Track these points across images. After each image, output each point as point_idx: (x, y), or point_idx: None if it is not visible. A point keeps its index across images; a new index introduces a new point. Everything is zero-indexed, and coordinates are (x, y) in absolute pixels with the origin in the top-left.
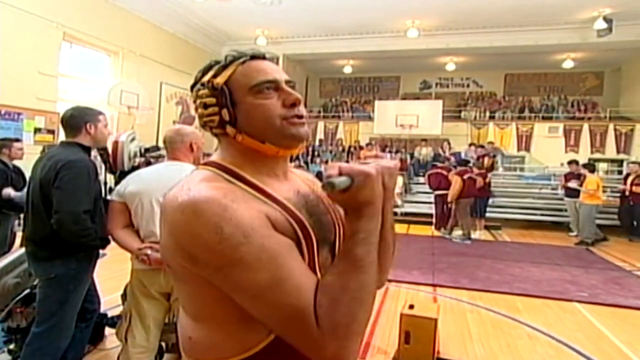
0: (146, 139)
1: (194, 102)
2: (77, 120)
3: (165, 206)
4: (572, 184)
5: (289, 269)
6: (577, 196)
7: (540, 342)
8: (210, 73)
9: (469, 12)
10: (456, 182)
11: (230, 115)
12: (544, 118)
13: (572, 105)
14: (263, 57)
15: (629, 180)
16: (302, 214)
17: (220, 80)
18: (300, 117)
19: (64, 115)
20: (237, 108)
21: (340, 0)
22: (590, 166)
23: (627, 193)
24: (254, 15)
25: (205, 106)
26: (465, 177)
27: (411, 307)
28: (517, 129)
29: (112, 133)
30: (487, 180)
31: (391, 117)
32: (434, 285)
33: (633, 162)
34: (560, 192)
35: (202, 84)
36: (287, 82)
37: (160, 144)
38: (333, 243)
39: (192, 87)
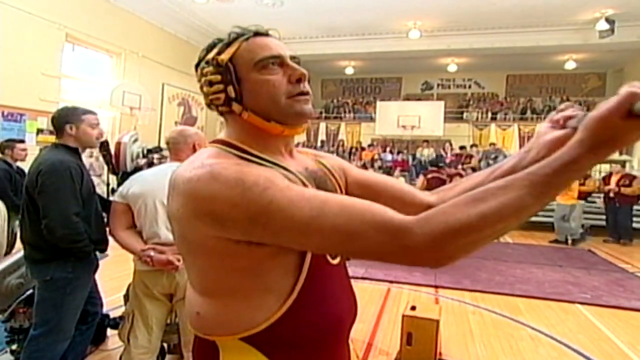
0: (148, 140)
1: (199, 81)
2: (59, 122)
3: (176, 180)
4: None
5: (324, 195)
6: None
7: (542, 343)
8: (214, 51)
9: (471, 13)
10: (419, 182)
11: (235, 92)
12: (546, 119)
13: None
14: (266, 34)
15: (613, 180)
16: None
17: (224, 57)
18: (306, 93)
19: (52, 116)
20: (242, 85)
21: (342, 1)
22: None
23: (612, 194)
24: (255, 17)
25: (211, 84)
26: (429, 176)
27: (413, 308)
28: (519, 130)
29: (102, 133)
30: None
31: (393, 118)
32: (435, 287)
33: (615, 162)
34: None
35: (207, 62)
36: (291, 57)
37: (163, 145)
38: None
39: (197, 66)
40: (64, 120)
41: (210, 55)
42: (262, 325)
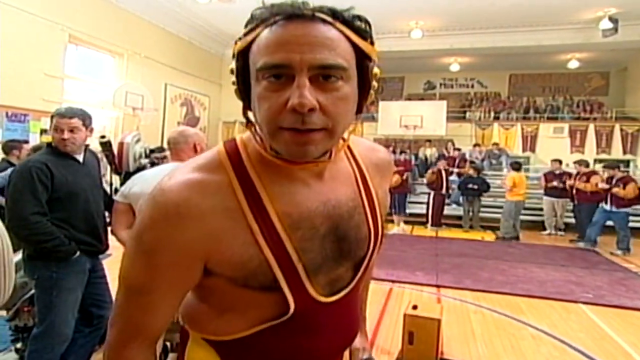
0: (151, 140)
1: None
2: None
3: None
4: (554, 184)
5: (140, 304)
6: (558, 196)
7: (544, 342)
8: (243, 30)
9: (473, 12)
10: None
11: (241, 95)
12: (549, 118)
13: (578, 106)
14: (306, 16)
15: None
16: (293, 243)
17: (239, 45)
18: (302, 131)
19: None
20: (251, 89)
21: (343, 1)
22: (516, 164)
23: (574, 191)
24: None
25: (231, 71)
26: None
27: (415, 307)
28: (522, 129)
29: (63, 138)
30: (404, 177)
31: (395, 117)
32: (437, 286)
33: (620, 162)
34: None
35: (235, 41)
36: (322, 67)
37: (165, 145)
38: (362, 259)
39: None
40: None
41: (239, 35)
42: (225, 337)
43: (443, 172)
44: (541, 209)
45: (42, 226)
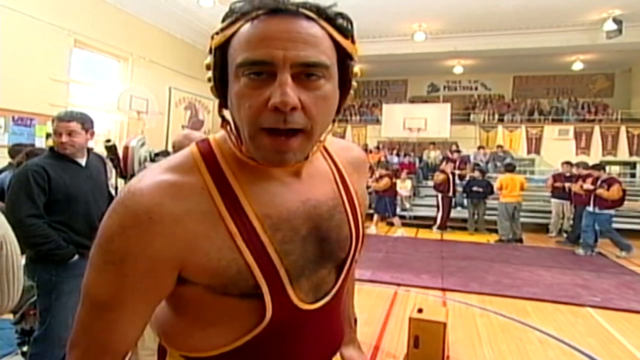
0: (155, 144)
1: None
2: None
3: None
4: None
5: (107, 320)
6: (566, 198)
7: (551, 346)
8: (221, 24)
9: (476, 14)
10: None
11: (218, 93)
12: (553, 120)
13: (583, 107)
14: (286, 10)
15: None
16: (274, 245)
17: (216, 39)
18: (277, 131)
19: None
20: (228, 86)
21: (345, 4)
22: (510, 166)
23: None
24: None
25: (207, 67)
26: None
27: (420, 311)
28: (527, 131)
29: (62, 142)
30: (393, 181)
31: (399, 120)
32: (443, 289)
33: (626, 164)
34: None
35: (212, 35)
36: (305, 64)
37: (170, 149)
38: (343, 260)
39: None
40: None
41: (218, 28)
42: (204, 354)
43: (450, 175)
44: (546, 212)
45: (38, 228)
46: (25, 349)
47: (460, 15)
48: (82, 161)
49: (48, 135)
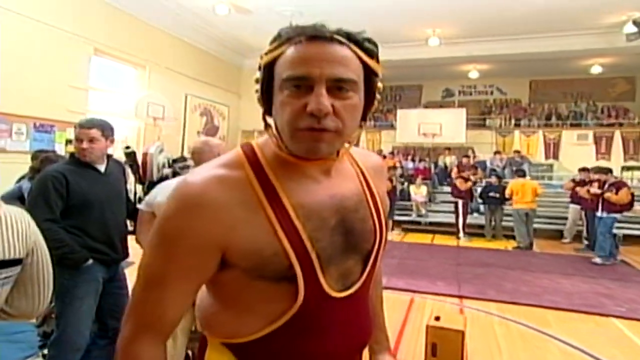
0: (171, 150)
1: None
2: None
3: None
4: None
5: (155, 296)
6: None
7: (573, 357)
8: (269, 46)
9: (491, 19)
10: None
11: (264, 103)
12: (572, 125)
13: (602, 112)
14: (326, 37)
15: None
16: (307, 232)
17: (265, 59)
18: (315, 129)
19: None
20: (274, 97)
21: (360, 11)
22: (520, 171)
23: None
24: (275, 27)
25: (256, 81)
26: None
27: (437, 318)
28: (544, 136)
29: (83, 147)
30: (393, 184)
31: (414, 125)
32: (459, 297)
33: (583, 170)
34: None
35: (261, 55)
36: (337, 80)
37: (186, 154)
38: (368, 252)
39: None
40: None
41: (267, 49)
42: (242, 339)
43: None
44: (565, 218)
45: (52, 233)
46: (45, 351)
47: (475, 20)
48: (102, 167)
49: (68, 142)
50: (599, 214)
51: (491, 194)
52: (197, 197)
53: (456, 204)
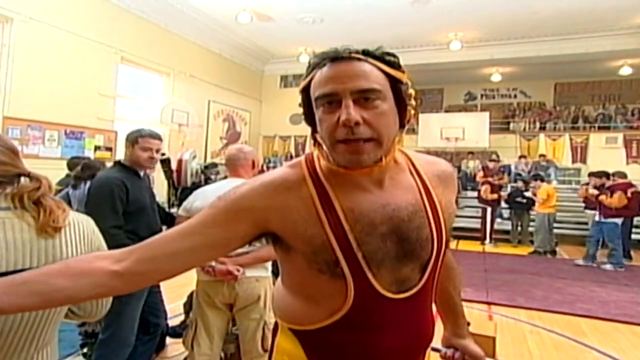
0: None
1: None
2: (125, 141)
3: None
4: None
5: (183, 234)
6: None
7: None
8: (305, 73)
9: (514, 22)
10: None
11: (309, 122)
12: (600, 128)
13: (632, 114)
14: (344, 57)
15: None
16: (354, 233)
17: (302, 84)
18: (349, 140)
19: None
20: (315, 115)
21: (381, 16)
22: (538, 176)
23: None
24: (296, 34)
25: (300, 105)
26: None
27: (467, 324)
28: (571, 140)
29: (154, 158)
30: None
31: (435, 130)
32: (488, 303)
33: (594, 175)
34: None
35: (300, 83)
36: (361, 91)
37: (209, 160)
38: (427, 260)
39: None
40: (127, 140)
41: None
42: (305, 327)
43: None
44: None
45: (118, 239)
46: (85, 350)
47: (497, 23)
48: (141, 173)
49: (96, 148)
50: (596, 217)
51: (517, 199)
52: (264, 183)
53: (484, 210)
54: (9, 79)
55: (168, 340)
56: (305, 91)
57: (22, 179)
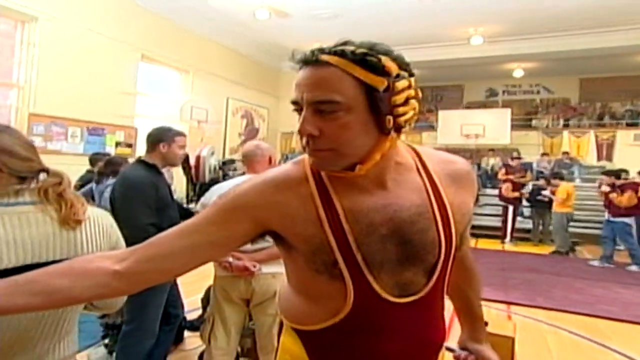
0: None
1: None
2: (154, 139)
3: None
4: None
5: (184, 233)
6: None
7: None
8: None
9: (536, 16)
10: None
11: None
12: (628, 125)
13: None
14: (308, 62)
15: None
16: (354, 234)
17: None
18: (311, 149)
19: (147, 133)
20: None
21: (398, 11)
22: (558, 174)
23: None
24: (312, 31)
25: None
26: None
27: (485, 324)
28: (596, 137)
29: (186, 154)
30: None
31: (455, 126)
32: (506, 303)
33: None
34: None
35: None
36: (317, 102)
37: (228, 156)
38: (434, 264)
39: None
40: (159, 138)
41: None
42: (307, 327)
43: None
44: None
45: (153, 235)
46: (107, 341)
47: (519, 18)
48: (162, 170)
49: (117, 144)
50: (606, 216)
51: (539, 197)
52: (265, 181)
53: (505, 208)
54: (34, 76)
55: (186, 333)
56: None
57: (41, 174)
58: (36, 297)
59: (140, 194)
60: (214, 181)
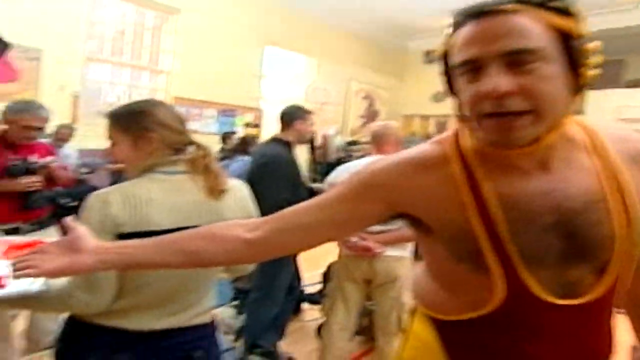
0: None
1: None
2: (290, 117)
3: None
4: None
5: (311, 209)
6: None
7: None
8: (443, 37)
9: None
10: None
11: (450, 93)
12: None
13: None
14: (487, 12)
15: None
16: (507, 223)
17: (438, 52)
18: (497, 115)
19: (281, 112)
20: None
21: None
22: None
23: None
24: (439, 4)
25: (439, 74)
26: None
27: None
28: None
29: (315, 131)
30: None
31: (610, 109)
32: None
33: None
34: None
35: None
36: (511, 52)
37: (348, 137)
38: (606, 262)
39: None
40: (295, 116)
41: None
42: (443, 316)
43: None
44: None
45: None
46: (235, 303)
47: None
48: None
49: (246, 125)
50: None
51: None
52: (402, 161)
53: None
54: (177, 62)
55: (305, 305)
56: (445, 58)
57: (190, 147)
58: (178, 256)
59: (278, 169)
60: (340, 161)
